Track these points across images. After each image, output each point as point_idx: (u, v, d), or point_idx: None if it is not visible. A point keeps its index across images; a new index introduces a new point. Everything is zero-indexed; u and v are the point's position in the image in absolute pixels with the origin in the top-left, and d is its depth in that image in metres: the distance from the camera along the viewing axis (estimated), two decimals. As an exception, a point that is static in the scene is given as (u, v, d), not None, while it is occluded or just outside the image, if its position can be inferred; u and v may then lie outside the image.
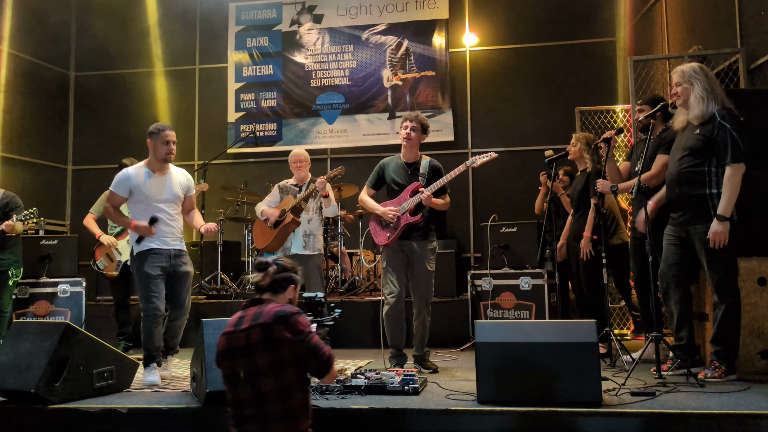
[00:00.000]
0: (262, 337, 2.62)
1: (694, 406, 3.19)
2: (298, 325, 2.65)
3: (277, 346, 2.61)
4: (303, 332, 2.65)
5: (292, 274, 2.91)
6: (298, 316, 2.68)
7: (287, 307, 2.72)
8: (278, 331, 2.61)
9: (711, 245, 3.84)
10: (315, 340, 2.69)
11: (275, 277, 2.85)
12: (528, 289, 5.83)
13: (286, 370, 2.61)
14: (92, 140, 9.54)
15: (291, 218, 5.65)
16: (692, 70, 4.05)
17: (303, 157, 5.87)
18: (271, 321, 2.64)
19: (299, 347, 2.63)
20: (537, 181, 6.53)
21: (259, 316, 2.68)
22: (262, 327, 2.63)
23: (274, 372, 2.60)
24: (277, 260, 2.91)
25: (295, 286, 2.91)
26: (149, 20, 9.51)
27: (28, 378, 3.57)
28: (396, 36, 9.14)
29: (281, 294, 2.86)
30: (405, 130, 4.74)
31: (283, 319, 2.64)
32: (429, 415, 3.33)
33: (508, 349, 3.43)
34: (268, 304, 2.75)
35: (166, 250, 4.54)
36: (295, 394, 2.62)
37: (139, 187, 4.52)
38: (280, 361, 2.61)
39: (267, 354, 2.61)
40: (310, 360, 2.66)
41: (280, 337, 2.61)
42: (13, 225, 5.30)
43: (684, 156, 4.04)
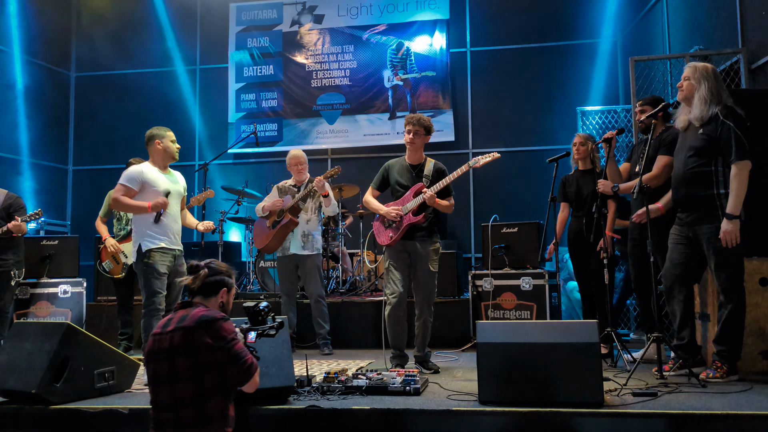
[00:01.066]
0: (183, 341, 2.61)
1: (696, 407, 3.18)
2: (221, 331, 2.63)
3: (196, 350, 2.60)
4: (225, 338, 2.63)
5: (225, 278, 2.90)
6: (222, 322, 2.67)
7: (212, 312, 2.71)
8: (199, 335, 2.61)
9: (723, 245, 3.83)
10: (237, 347, 2.67)
11: (206, 281, 2.84)
12: (529, 289, 5.82)
13: (203, 376, 2.60)
14: (93, 141, 9.56)
15: (289, 218, 5.65)
16: (705, 70, 4.03)
17: (303, 159, 5.88)
18: (194, 325, 2.63)
19: (220, 353, 2.62)
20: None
21: (184, 319, 2.67)
22: (185, 330, 2.63)
23: (191, 377, 2.59)
24: (211, 263, 2.90)
25: (228, 290, 2.91)
26: (150, 21, 9.52)
27: (29, 378, 3.56)
28: (397, 36, 9.14)
29: (213, 297, 2.86)
30: (408, 135, 4.73)
31: (205, 323, 2.63)
32: (430, 416, 3.31)
33: (509, 349, 3.42)
34: (195, 308, 2.74)
35: (172, 250, 4.68)
36: (210, 400, 2.60)
37: (152, 181, 4.65)
38: (199, 366, 2.60)
39: (187, 358, 2.60)
40: (230, 367, 2.64)
41: (201, 342, 2.60)
42: (19, 225, 5.30)
43: (689, 156, 4.03)
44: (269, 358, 3.55)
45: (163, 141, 4.76)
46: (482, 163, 4.65)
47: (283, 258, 5.85)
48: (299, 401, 3.52)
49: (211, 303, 2.85)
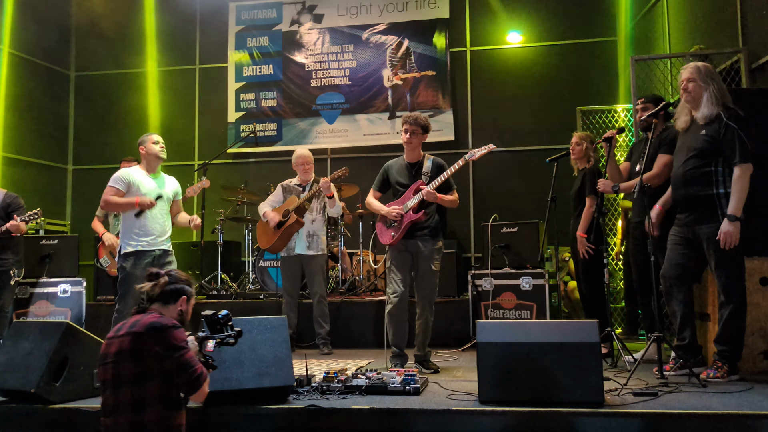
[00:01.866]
0: (130, 346, 2.61)
1: (697, 407, 3.17)
2: (171, 339, 2.63)
3: (142, 356, 2.60)
4: (175, 347, 2.63)
5: (185, 286, 2.92)
6: (173, 330, 2.66)
7: (164, 320, 2.70)
8: (147, 342, 2.61)
9: (722, 246, 3.82)
10: (187, 356, 2.66)
11: (165, 288, 2.86)
12: (529, 289, 5.82)
13: (146, 383, 2.59)
14: (92, 140, 9.55)
15: (295, 219, 5.65)
16: (709, 70, 4.04)
17: (310, 159, 5.89)
18: (143, 331, 2.63)
19: (167, 361, 2.61)
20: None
21: (135, 324, 2.67)
22: (133, 336, 2.63)
23: (134, 383, 2.59)
24: (171, 272, 2.93)
25: (187, 298, 2.93)
26: (149, 20, 9.51)
27: (29, 378, 3.56)
28: (396, 36, 9.13)
29: (171, 305, 2.86)
30: (405, 134, 4.72)
31: (155, 330, 2.63)
32: (430, 416, 3.31)
33: (509, 349, 3.42)
34: (149, 314, 2.75)
35: (151, 252, 4.80)
36: (149, 408, 2.58)
37: (139, 183, 4.84)
38: (143, 372, 2.59)
39: (132, 363, 2.60)
40: (178, 376, 2.63)
41: (148, 349, 2.60)
42: (18, 225, 5.29)
43: (690, 157, 4.02)
44: (269, 357, 3.55)
45: (146, 145, 4.99)
46: (478, 156, 4.65)
47: (288, 258, 5.84)
48: (299, 401, 3.52)
49: (169, 310, 2.85)
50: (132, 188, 4.83)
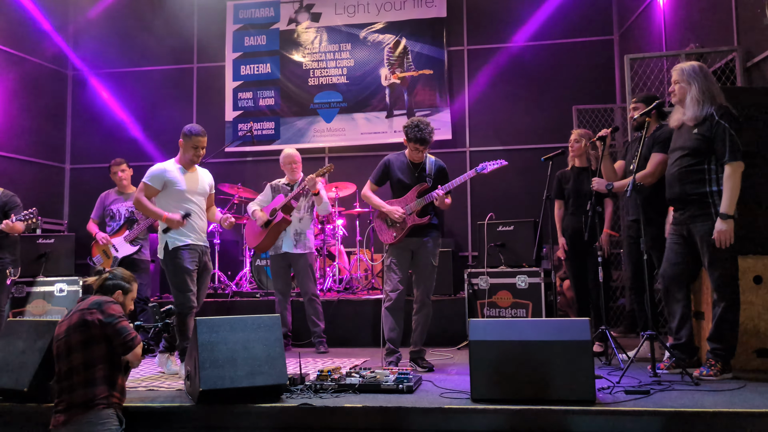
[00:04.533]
0: (78, 320, 3.23)
1: (688, 405, 3.18)
2: (109, 310, 3.25)
3: (89, 326, 3.21)
4: (113, 316, 3.24)
5: (122, 282, 3.49)
6: (111, 304, 3.30)
7: (103, 297, 3.36)
8: (92, 314, 3.23)
9: (717, 245, 3.83)
10: (122, 324, 3.26)
11: (105, 283, 3.46)
12: (525, 287, 5.82)
13: (93, 346, 3.20)
14: (90, 139, 9.54)
15: (282, 217, 5.66)
16: (692, 70, 4.03)
17: (297, 158, 5.90)
18: (88, 306, 3.27)
19: (108, 327, 3.21)
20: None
21: (81, 304, 3.32)
22: (80, 312, 3.26)
23: (83, 347, 3.19)
24: (114, 270, 3.58)
25: (123, 292, 3.47)
26: (147, 19, 9.50)
27: (22, 377, 3.57)
28: (394, 34, 9.13)
29: (108, 296, 3.41)
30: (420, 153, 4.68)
31: (97, 304, 3.28)
32: (422, 414, 3.32)
33: (501, 347, 3.42)
34: (90, 298, 3.36)
35: (199, 246, 4.71)
36: (97, 365, 3.18)
37: (175, 181, 4.67)
38: (89, 338, 3.20)
39: (80, 333, 3.21)
40: (116, 339, 3.22)
41: (93, 319, 3.21)
42: (12, 225, 5.29)
43: (683, 155, 4.03)
44: (262, 356, 3.56)
45: (186, 143, 4.75)
46: (489, 170, 4.70)
47: (276, 257, 5.87)
48: (292, 399, 3.52)
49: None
50: (168, 186, 4.67)
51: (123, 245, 5.75)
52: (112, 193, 6.10)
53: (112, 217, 5.92)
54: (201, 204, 4.80)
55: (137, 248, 5.76)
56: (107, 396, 3.17)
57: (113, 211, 5.93)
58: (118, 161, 6.09)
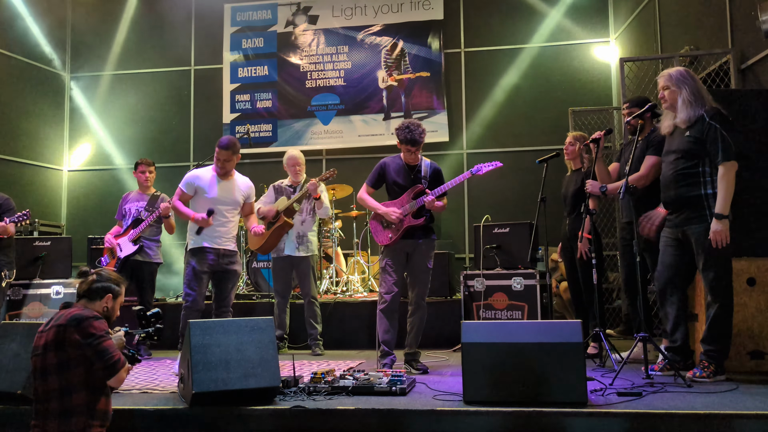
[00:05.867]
0: (54, 337, 2.83)
1: (680, 406, 3.18)
2: (89, 328, 2.83)
3: (65, 346, 2.82)
4: (93, 335, 2.82)
5: (111, 285, 3.09)
6: (92, 320, 2.86)
7: (85, 312, 2.90)
8: (69, 332, 2.82)
9: (714, 245, 3.83)
10: (104, 345, 2.85)
11: (92, 286, 3.05)
12: (520, 289, 5.82)
13: (70, 370, 2.81)
14: (87, 142, 9.56)
15: (284, 220, 5.66)
16: (680, 74, 4.05)
17: (301, 160, 5.91)
18: (65, 322, 2.84)
19: (87, 349, 2.81)
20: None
21: (60, 317, 2.89)
22: (57, 328, 2.85)
23: (59, 371, 2.81)
24: (101, 271, 3.14)
25: (114, 296, 3.09)
26: (144, 21, 9.53)
27: (15, 379, 3.58)
28: (391, 37, 9.15)
29: (97, 301, 3.04)
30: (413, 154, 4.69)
31: (76, 321, 2.84)
32: (415, 416, 3.32)
33: (494, 349, 3.43)
34: (73, 308, 2.95)
35: (215, 249, 4.91)
36: (74, 393, 2.81)
37: (205, 188, 4.95)
38: (66, 361, 2.82)
39: (56, 353, 2.82)
40: (96, 362, 2.83)
41: (70, 338, 2.81)
42: (6, 227, 5.30)
43: (677, 158, 4.04)
44: (255, 358, 3.56)
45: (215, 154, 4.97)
46: (484, 171, 4.69)
47: (278, 259, 5.86)
48: (285, 402, 3.52)
49: (95, 306, 3.03)
50: (199, 193, 4.96)
51: (126, 245, 5.74)
52: (132, 193, 6.09)
53: (124, 216, 5.93)
54: (226, 213, 4.98)
55: (137, 247, 5.75)
56: (84, 428, 2.81)
57: (126, 210, 5.94)
58: (147, 161, 6.07)
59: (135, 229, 5.73)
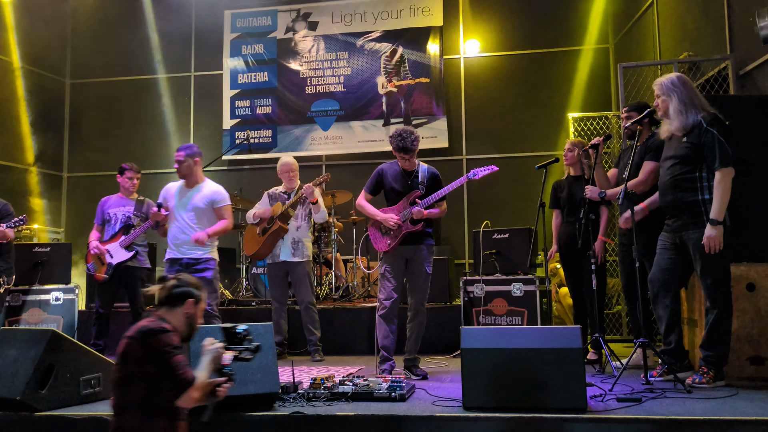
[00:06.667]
0: (122, 350, 2.63)
1: (680, 412, 3.18)
2: (155, 343, 2.60)
3: (128, 361, 2.61)
4: (158, 351, 2.59)
5: (192, 289, 2.88)
6: (160, 334, 2.62)
7: (155, 324, 2.68)
8: (133, 346, 2.60)
9: (706, 250, 3.84)
10: (173, 361, 2.61)
11: (172, 292, 2.84)
12: (520, 295, 5.82)
13: (129, 387, 2.59)
14: (87, 147, 9.58)
15: (278, 225, 5.66)
16: (670, 83, 4.06)
17: (294, 166, 5.90)
18: (133, 335, 2.63)
19: (149, 366, 2.59)
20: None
21: (133, 328, 2.68)
22: (126, 339, 2.64)
23: (120, 386, 2.61)
24: (180, 275, 2.93)
25: (195, 302, 2.88)
26: (144, 28, 9.56)
27: (14, 385, 3.55)
28: (391, 43, 9.18)
29: (178, 308, 2.83)
30: (408, 161, 4.71)
31: (143, 335, 2.61)
32: (414, 422, 3.31)
33: (493, 355, 3.42)
34: (148, 319, 2.75)
35: (180, 259, 5.09)
36: (126, 413, 2.57)
37: (169, 197, 5.22)
38: (127, 376, 2.60)
39: (121, 367, 2.63)
40: (163, 380, 2.60)
41: (133, 353, 2.60)
42: (4, 232, 5.30)
43: (674, 164, 4.05)
44: (254, 364, 3.54)
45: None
46: (481, 176, 4.69)
47: (273, 265, 5.86)
48: (284, 408, 3.52)
49: (176, 313, 2.83)
50: (167, 200, 5.22)
51: (118, 251, 5.71)
52: (113, 197, 6.04)
53: (108, 221, 5.86)
54: (188, 220, 5.12)
55: (132, 254, 5.74)
56: None
57: (110, 214, 5.85)
58: (136, 168, 6.03)
59: (127, 236, 5.69)
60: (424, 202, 4.62)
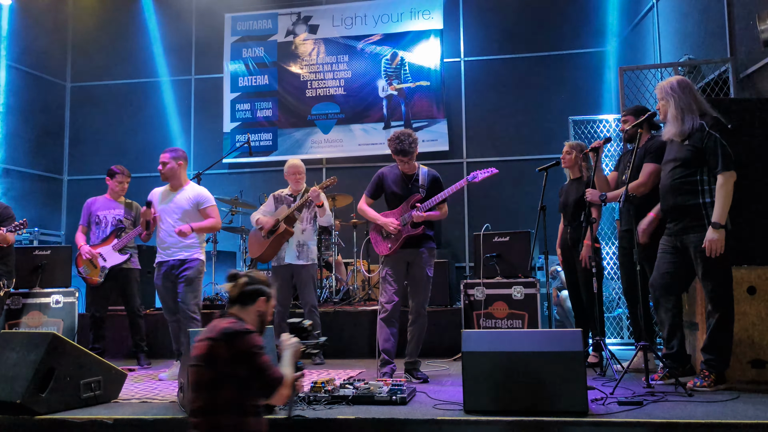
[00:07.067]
0: (205, 351, 2.61)
1: (681, 416, 3.18)
2: (244, 346, 2.60)
3: (216, 362, 2.58)
4: (247, 353, 2.59)
5: (263, 287, 2.85)
6: (245, 336, 2.62)
7: (236, 325, 2.66)
8: (219, 347, 2.58)
9: (708, 254, 3.83)
10: (261, 361, 2.62)
11: (244, 289, 2.80)
12: (520, 298, 5.81)
13: (220, 388, 2.57)
14: (88, 151, 9.57)
15: (284, 228, 5.65)
16: (669, 87, 4.05)
17: (301, 169, 5.90)
18: (216, 336, 2.60)
19: (240, 367, 2.58)
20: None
21: (213, 329, 2.65)
22: (209, 341, 2.61)
23: (209, 388, 2.58)
24: (250, 272, 2.88)
25: (267, 299, 2.86)
26: (145, 31, 9.57)
27: (14, 388, 3.56)
28: (391, 46, 9.18)
29: (250, 306, 2.81)
30: (407, 164, 4.71)
31: (227, 336, 2.60)
32: (415, 425, 3.32)
33: (494, 358, 3.42)
34: (225, 319, 2.72)
35: (166, 262, 5.11)
36: (223, 414, 2.56)
37: (154, 199, 5.19)
38: (216, 378, 2.58)
39: (207, 369, 2.59)
40: (253, 381, 2.61)
41: (221, 354, 2.57)
42: (5, 236, 5.30)
43: (676, 167, 4.04)
44: (255, 367, 3.54)
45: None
46: (480, 179, 4.70)
47: (278, 268, 5.85)
48: (285, 411, 3.51)
49: (249, 312, 2.81)
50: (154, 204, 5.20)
51: (111, 254, 5.71)
52: (100, 199, 6.02)
53: (97, 223, 5.83)
54: (174, 222, 5.10)
55: (127, 257, 5.74)
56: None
57: (99, 217, 5.83)
58: (126, 172, 6.04)
59: (120, 239, 5.71)
60: (424, 205, 4.63)
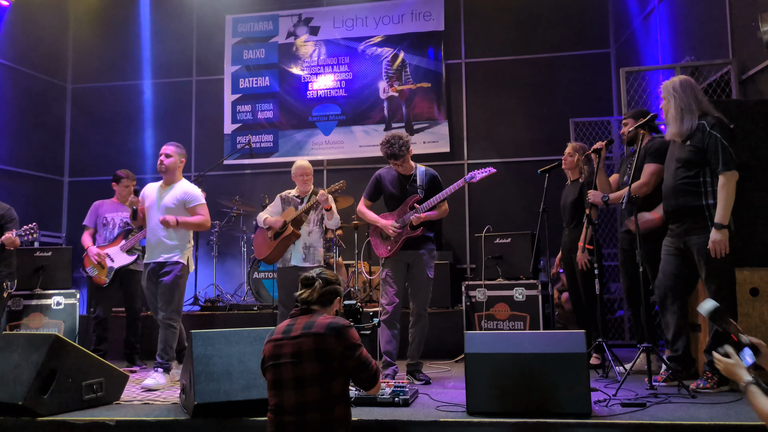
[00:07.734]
0: (313, 347, 2.68)
1: (684, 417, 3.17)
2: (350, 339, 2.73)
3: (327, 356, 2.68)
4: (354, 346, 2.73)
5: (337, 287, 2.97)
6: (350, 330, 2.75)
7: (338, 320, 2.78)
8: (330, 342, 2.69)
9: (712, 255, 3.83)
10: (365, 354, 2.78)
11: (322, 291, 2.90)
12: (522, 300, 5.81)
13: (332, 382, 2.68)
14: (88, 152, 9.56)
15: (291, 230, 5.63)
16: (671, 86, 4.06)
17: (309, 170, 5.87)
18: (324, 332, 2.70)
19: (350, 361, 2.72)
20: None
21: (311, 325, 2.74)
22: (315, 337, 2.69)
23: (320, 382, 2.67)
24: (321, 273, 2.97)
25: (340, 298, 3.00)
26: (146, 32, 9.57)
27: (16, 390, 3.55)
28: (392, 48, 9.18)
29: (329, 307, 2.93)
30: (401, 166, 4.75)
31: (335, 331, 2.71)
32: (418, 427, 3.31)
33: (497, 360, 3.42)
34: (319, 315, 2.82)
35: (149, 264, 4.99)
36: (336, 405, 2.68)
37: (144, 198, 5.12)
38: (329, 372, 2.68)
39: (316, 363, 2.67)
40: (359, 373, 2.76)
41: (332, 349, 2.68)
42: (13, 240, 5.31)
43: (678, 168, 4.04)
44: (257, 369, 3.53)
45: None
46: (478, 179, 4.71)
47: (284, 269, 5.82)
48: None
49: (328, 311, 2.92)
50: (145, 202, 5.12)
51: (119, 255, 5.75)
52: (107, 202, 6.08)
53: (105, 225, 5.89)
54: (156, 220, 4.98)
55: (134, 258, 5.77)
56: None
57: (107, 219, 5.90)
58: (132, 176, 6.10)
59: (128, 240, 5.75)
60: (422, 206, 4.63)
